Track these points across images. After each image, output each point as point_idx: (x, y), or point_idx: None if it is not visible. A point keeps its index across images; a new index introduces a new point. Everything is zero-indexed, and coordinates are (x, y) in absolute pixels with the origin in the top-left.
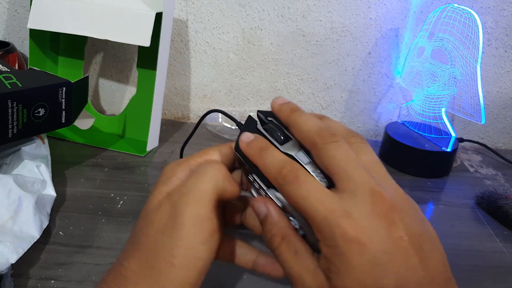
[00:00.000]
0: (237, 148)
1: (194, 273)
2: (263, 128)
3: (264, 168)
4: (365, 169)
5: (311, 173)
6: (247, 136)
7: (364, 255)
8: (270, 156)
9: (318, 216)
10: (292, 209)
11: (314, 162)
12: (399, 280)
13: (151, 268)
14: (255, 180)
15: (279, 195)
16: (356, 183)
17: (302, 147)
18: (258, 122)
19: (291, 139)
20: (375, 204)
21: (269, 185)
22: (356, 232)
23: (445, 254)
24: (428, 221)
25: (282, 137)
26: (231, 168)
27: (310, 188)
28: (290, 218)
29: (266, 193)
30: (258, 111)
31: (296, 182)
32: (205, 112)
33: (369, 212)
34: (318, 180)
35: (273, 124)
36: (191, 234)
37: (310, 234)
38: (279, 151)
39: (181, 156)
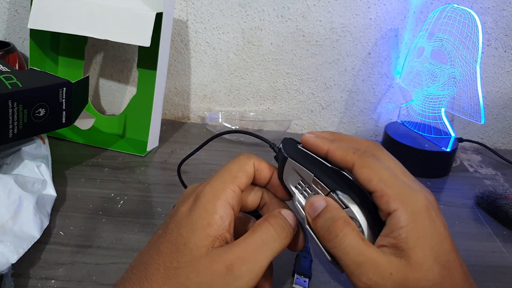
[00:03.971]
0: (289, 155)
1: None
2: (306, 148)
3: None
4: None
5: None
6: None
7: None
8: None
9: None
10: (356, 210)
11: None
12: None
13: None
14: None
15: (343, 196)
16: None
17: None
18: (298, 144)
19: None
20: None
21: (333, 188)
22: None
23: None
24: None
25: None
26: (248, 185)
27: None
28: None
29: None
30: (290, 138)
31: None
32: (225, 131)
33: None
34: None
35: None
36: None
37: (369, 235)
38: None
39: (178, 171)
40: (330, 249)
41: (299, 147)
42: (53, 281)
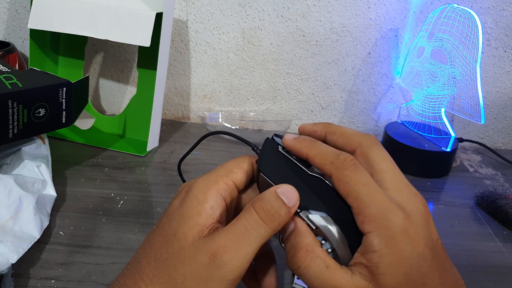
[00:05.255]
0: (261, 167)
1: None
2: (286, 151)
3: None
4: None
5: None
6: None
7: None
8: None
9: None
10: (326, 230)
11: None
12: None
13: None
14: None
15: (313, 217)
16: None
17: None
18: (280, 145)
19: None
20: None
21: (302, 207)
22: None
23: None
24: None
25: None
26: (248, 182)
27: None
28: (322, 241)
29: (297, 215)
30: (275, 134)
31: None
32: (207, 133)
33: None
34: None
35: None
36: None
37: (344, 254)
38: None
39: (179, 168)
40: (297, 275)
41: (280, 150)
42: (53, 281)
